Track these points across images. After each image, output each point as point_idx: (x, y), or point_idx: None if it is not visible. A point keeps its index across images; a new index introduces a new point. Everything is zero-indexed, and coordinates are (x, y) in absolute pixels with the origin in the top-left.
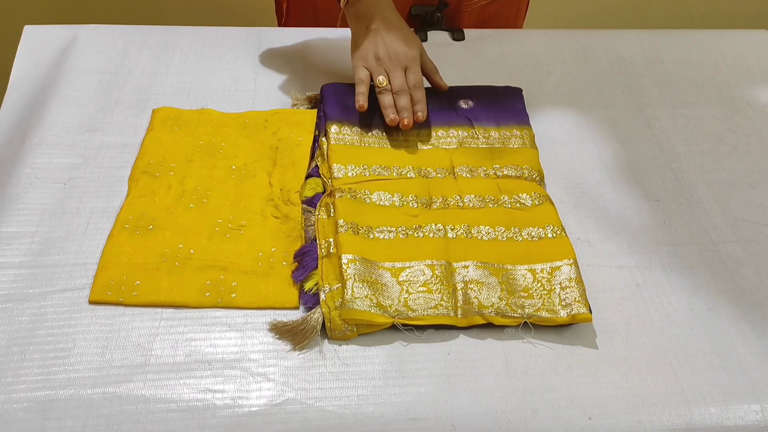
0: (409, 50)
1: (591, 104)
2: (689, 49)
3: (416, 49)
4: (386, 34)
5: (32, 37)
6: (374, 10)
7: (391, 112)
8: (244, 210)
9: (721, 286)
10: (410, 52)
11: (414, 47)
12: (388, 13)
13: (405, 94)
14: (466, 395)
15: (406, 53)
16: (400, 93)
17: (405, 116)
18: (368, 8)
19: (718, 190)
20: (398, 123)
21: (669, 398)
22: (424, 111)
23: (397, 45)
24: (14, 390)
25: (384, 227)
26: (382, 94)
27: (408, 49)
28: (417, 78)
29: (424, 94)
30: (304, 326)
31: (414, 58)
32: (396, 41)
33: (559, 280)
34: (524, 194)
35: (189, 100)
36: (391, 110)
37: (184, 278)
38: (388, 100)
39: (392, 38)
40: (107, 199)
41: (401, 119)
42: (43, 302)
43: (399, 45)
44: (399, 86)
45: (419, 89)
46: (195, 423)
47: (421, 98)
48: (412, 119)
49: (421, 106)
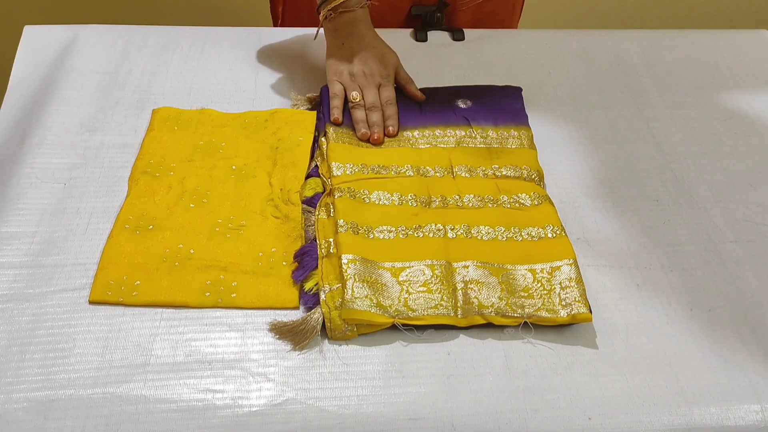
0: (383, 69)
1: (591, 104)
2: (689, 49)
3: (390, 68)
4: (361, 52)
5: (32, 37)
6: (351, 27)
7: (362, 126)
8: (244, 210)
9: (721, 287)
10: (384, 70)
11: (388, 66)
12: (364, 31)
13: (377, 110)
14: (466, 395)
15: (380, 71)
16: (373, 109)
17: (376, 131)
18: (345, 25)
19: (718, 190)
20: (368, 137)
21: (669, 398)
22: (395, 126)
23: (371, 63)
24: (14, 390)
25: (384, 227)
26: (355, 109)
27: (381, 68)
28: (390, 95)
29: (396, 110)
30: (304, 326)
31: (388, 76)
32: (370, 59)
33: (559, 280)
34: (523, 194)
35: (189, 100)
36: (362, 125)
37: (184, 278)
38: (361, 115)
39: (367, 56)
40: (107, 199)
41: (372, 134)
42: (43, 302)
43: (373, 63)
44: (371, 102)
45: (392, 105)
46: (195, 423)
47: (392, 114)
48: (383, 134)
49: (392, 121)
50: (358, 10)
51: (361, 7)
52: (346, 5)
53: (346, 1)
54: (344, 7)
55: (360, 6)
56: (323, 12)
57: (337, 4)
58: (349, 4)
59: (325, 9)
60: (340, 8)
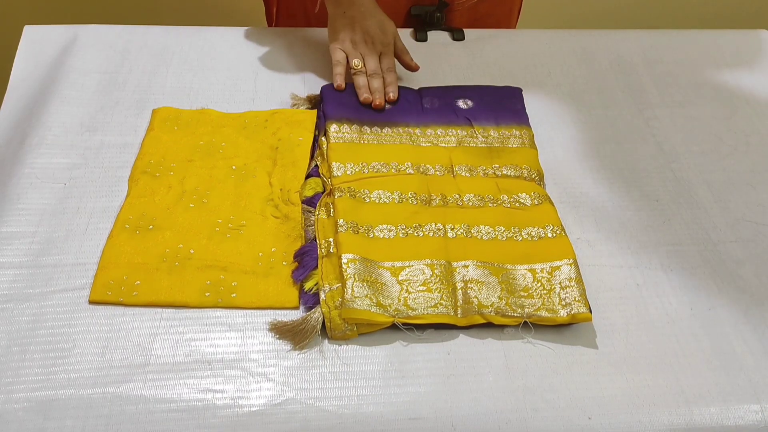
0: (384, 36)
1: (591, 104)
2: (689, 49)
3: (390, 36)
4: (362, 20)
5: (32, 37)
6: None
7: (364, 92)
8: (244, 210)
9: (721, 286)
10: (385, 38)
11: (388, 34)
12: (364, 0)
13: (378, 77)
14: (466, 395)
15: (381, 39)
16: (374, 76)
17: (377, 97)
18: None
19: (718, 190)
20: (371, 102)
21: (669, 398)
22: (395, 92)
23: (372, 31)
24: (14, 390)
25: (384, 226)
26: (356, 75)
27: (382, 36)
28: (390, 62)
29: (396, 77)
30: (304, 326)
31: (388, 44)
32: (371, 27)
33: (559, 280)
34: (524, 194)
35: (189, 100)
36: (364, 90)
37: (184, 278)
38: (362, 81)
39: (368, 24)
40: (107, 199)
41: (373, 99)
42: (43, 302)
43: (374, 31)
44: (373, 69)
45: (392, 72)
46: (195, 423)
47: (393, 81)
48: (384, 100)
49: (392, 88)
50: None
51: None
52: None
53: None
54: None
55: None
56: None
57: None
58: None
59: None
60: None
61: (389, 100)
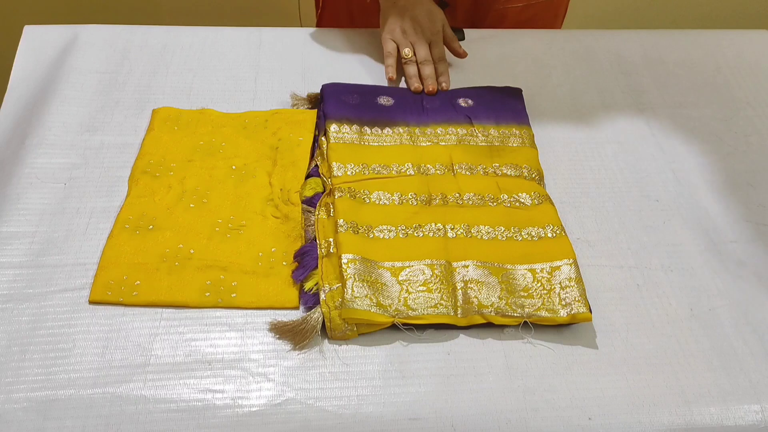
0: (433, 24)
1: (591, 104)
2: (689, 49)
3: (439, 23)
4: (412, 9)
5: (32, 37)
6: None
7: (415, 81)
8: (244, 210)
9: (721, 287)
10: (434, 26)
11: (437, 21)
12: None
13: (429, 64)
14: (466, 395)
15: (430, 27)
16: (425, 63)
17: (430, 83)
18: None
19: (718, 190)
20: (421, 90)
21: (669, 398)
22: (447, 82)
23: (422, 19)
24: (14, 390)
25: (384, 226)
26: (407, 65)
27: (432, 24)
28: (441, 51)
29: (447, 66)
30: (304, 326)
31: (438, 32)
32: (421, 15)
33: (559, 280)
34: (524, 193)
35: (189, 100)
36: (415, 79)
37: (184, 278)
38: (413, 70)
39: (417, 13)
40: (107, 199)
41: (426, 85)
42: (43, 302)
43: (424, 19)
44: (423, 57)
45: (443, 62)
46: (195, 423)
47: (445, 70)
48: (436, 86)
49: (445, 77)
50: None
51: None
52: None
53: None
54: None
55: None
56: None
57: None
58: None
59: None
60: None
61: (442, 89)
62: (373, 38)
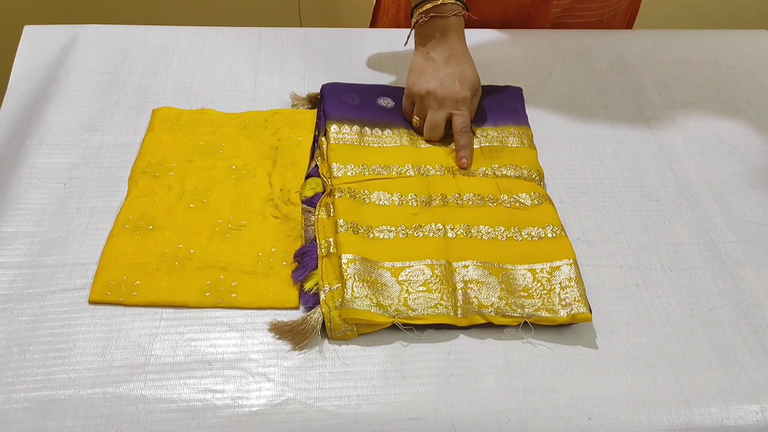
0: (460, 90)
1: (591, 104)
2: (689, 49)
3: (468, 90)
4: (443, 68)
5: (32, 37)
6: (441, 36)
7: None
8: (244, 210)
9: (721, 287)
10: (460, 92)
11: (466, 87)
12: (454, 42)
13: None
14: (466, 395)
15: (455, 94)
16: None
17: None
18: (434, 31)
19: (718, 190)
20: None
21: (669, 398)
22: (468, 158)
23: (449, 83)
24: (14, 390)
25: (384, 227)
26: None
27: (459, 89)
28: (463, 122)
29: (470, 138)
30: (304, 326)
31: (463, 100)
32: (449, 80)
33: (559, 280)
34: (524, 194)
35: (189, 100)
36: None
37: (184, 278)
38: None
39: (447, 74)
40: (107, 199)
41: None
42: (43, 302)
43: (451, 83)
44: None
45: (465, 134)
46: (195, 423)
47: (466, 144)
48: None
49: (465, 152)
50: (452, 18)
51: (456, 14)
52: (439, 10)
53: (441, 6)
54: (437, 11)
55: (454, 13)
56: (415, 16)
57: (431, 7)
58: (444, 9)
59: (417, 12)
60: (433, 12)
61: (462, 167)
62: (373, 38)
